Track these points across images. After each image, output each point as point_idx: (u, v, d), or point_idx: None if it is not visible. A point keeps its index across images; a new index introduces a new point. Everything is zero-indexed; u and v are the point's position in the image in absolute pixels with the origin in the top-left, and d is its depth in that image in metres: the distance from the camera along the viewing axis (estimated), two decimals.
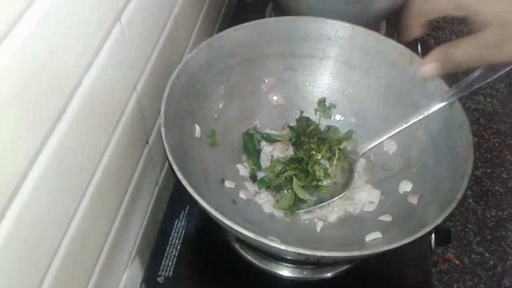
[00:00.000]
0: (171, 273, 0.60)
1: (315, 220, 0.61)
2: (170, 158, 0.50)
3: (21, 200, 0.34)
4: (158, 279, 0.60)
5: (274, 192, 0.63)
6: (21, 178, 0.34)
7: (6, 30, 0.30)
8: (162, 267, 0.60)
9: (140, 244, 0.64)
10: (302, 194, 0.61)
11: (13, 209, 0.34)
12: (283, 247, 0.46)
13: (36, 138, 0.36)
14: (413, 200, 0.59)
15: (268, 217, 0.61)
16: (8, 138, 0.32)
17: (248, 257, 0.62)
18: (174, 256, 0.61)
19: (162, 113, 0.53)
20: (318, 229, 0.60)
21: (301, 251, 0.46)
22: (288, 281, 0.61)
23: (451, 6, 0.46)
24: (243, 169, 0.65)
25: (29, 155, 0.35)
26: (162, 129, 0.52)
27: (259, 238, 0.46)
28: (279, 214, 0.61)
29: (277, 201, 0.62)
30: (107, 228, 0.53)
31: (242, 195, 0.62)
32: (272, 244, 0.45)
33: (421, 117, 0.58)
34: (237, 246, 0.62)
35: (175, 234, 0.63)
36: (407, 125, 0.59)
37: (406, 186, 0.61)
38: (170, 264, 0.61)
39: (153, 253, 0.62)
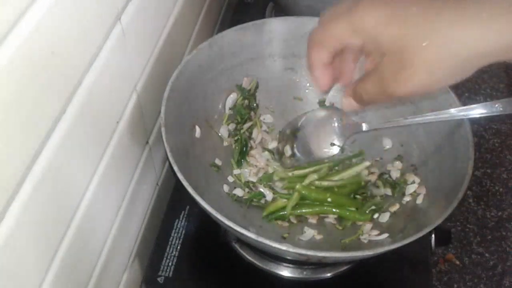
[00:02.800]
0: (171, 273, 0.60)
1: (314, 221, 0.61)
2: (171, 159, 0.50)
3: (21, 200, 0.34)
4: (158, 279, 0.59)
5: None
6: (21, 178, 0.34)
7: (6, 30, 0.30)
8: (162, 267, 0.60)
9: (140, 244, 0.64)
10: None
11: (13, 209, 0.34)
12: (284, 247, 0.45)
13: (36, 138, 0.36)
14: (414, 200, 0.59)
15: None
16: (8, 138, 0.32)
17: (248, 257, 0.61)
18: (174, 256, 0.61)
19: (162, 114, 0.53)
20: (317, 233, 0.60)
21: (303, 252, 0.46)
22: (288, 281, 0.61)
23: (348, 30, 0.39)
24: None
25: (29, 155, 0.35)
26: (163, 130, 0.52)
27: (260, 239, 0.45)
28: None
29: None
30: (107, 228, 0.53)
31: (240, 194, 0.62)
32: (273, 245, 0.45)
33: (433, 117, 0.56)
34: (237, 246, 0.62)
35: (175, 234, 0.63)
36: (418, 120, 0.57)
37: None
38: (170, 264, 0.61)
39: (153, 253, 0.62)
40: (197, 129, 0.62)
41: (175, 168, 0.49)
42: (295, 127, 0.66)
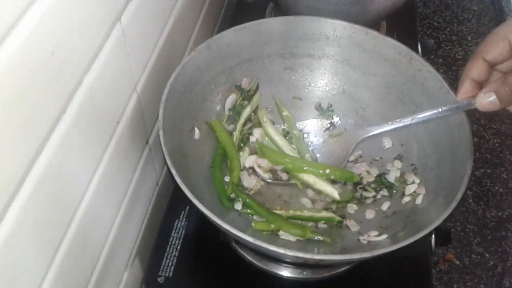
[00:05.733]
0: (171, 273, 0.60)
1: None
2: (169, 163, 0.49)
3: (21, 200, 0.34)
4: (158, 279, 0.60)
5: None
6: (21, 178, 0.34)
7: (7, 30, 0.30)
8: (162, 267, 0.60)
9: (140, 244, 0.64)
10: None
11: (13, 209, 0.34)
12: (281, 250, 0.45)
13: (36, 138, 0.36)
14: (413, 200, 0.59)
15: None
16: (8, 138, 0.32)
17: (248, 257, 0.61)
18: (174, 256, 0.61)
19: (160, 117, 0.53)
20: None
21: (300, 254, 0.46)
22: (288, 281, 0.61)
23: (498, 38, 0.46)
24: None
25: (29, 155, 0.35)
26: (161, 133, 0.52)
27: (257, 242, 0.45)
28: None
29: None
30: (107, 228, 0.53)
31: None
32: (271, 247, 0.45)
33: (428, 114, 0.55)
34: (237, 246, 0.62)
35: (175, 234, 0.63)
36: (413, 120, 0.56)
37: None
38: (170, 264, 0.61)
39: (153, 253, 0.62)
40: (196, 130, 0.62)
41: (173, 172, 0.49)
42: None
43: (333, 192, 0.60)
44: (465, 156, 0.54)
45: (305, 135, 0.68)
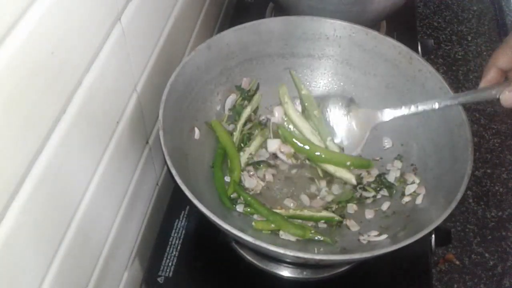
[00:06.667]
0: (171, 273, 0.60)
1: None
2: (169, 163, 0.50)
3: (21, 200, 0.34)
4: (158, 279, 0.60)
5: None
6: (21, 178, 0.34)
7: (7, 30, 0.30)
8: (162, 267, 0.60)
9: (140, 244, 0.64)
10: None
11: (13, 209, 0.34)
12: (281, 250, 0.45)
13: (36, 138, 0.36)
14: (413, 200, 0.59)
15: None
16: (8, 138, 0.32)
17: (248, 257, 0.61)
18: (174, 256, 0.61)
19: (160, 117, 0.53)
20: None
21: (300, 254, 0.46)
22: (288, 281, 0.61)
23: None
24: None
25: (29, 155, 0.35)
26: (161, 133, 0.52)
27: (257, 242, 0.45)
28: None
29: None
30: (107, 228, 0.53)
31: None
32: (271, 247, 0.45)
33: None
34: (237, 246, 0.62)
35: (175, 234, 0.63)
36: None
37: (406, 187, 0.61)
38: (170, 264, 0.61)
39: (153, 253, 0.62)
40: (196, 130, 0.62)
41: (173, 172, 0.49)
42: None
43: (351, 178, 0.63)
44: (465, 156, 0.54)
45: (323, 109, 0.68)
